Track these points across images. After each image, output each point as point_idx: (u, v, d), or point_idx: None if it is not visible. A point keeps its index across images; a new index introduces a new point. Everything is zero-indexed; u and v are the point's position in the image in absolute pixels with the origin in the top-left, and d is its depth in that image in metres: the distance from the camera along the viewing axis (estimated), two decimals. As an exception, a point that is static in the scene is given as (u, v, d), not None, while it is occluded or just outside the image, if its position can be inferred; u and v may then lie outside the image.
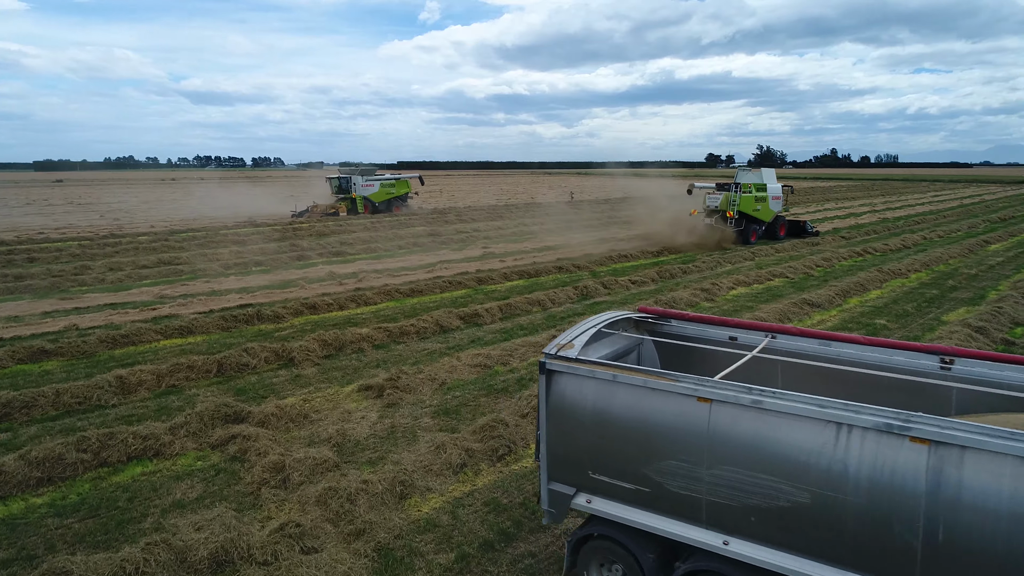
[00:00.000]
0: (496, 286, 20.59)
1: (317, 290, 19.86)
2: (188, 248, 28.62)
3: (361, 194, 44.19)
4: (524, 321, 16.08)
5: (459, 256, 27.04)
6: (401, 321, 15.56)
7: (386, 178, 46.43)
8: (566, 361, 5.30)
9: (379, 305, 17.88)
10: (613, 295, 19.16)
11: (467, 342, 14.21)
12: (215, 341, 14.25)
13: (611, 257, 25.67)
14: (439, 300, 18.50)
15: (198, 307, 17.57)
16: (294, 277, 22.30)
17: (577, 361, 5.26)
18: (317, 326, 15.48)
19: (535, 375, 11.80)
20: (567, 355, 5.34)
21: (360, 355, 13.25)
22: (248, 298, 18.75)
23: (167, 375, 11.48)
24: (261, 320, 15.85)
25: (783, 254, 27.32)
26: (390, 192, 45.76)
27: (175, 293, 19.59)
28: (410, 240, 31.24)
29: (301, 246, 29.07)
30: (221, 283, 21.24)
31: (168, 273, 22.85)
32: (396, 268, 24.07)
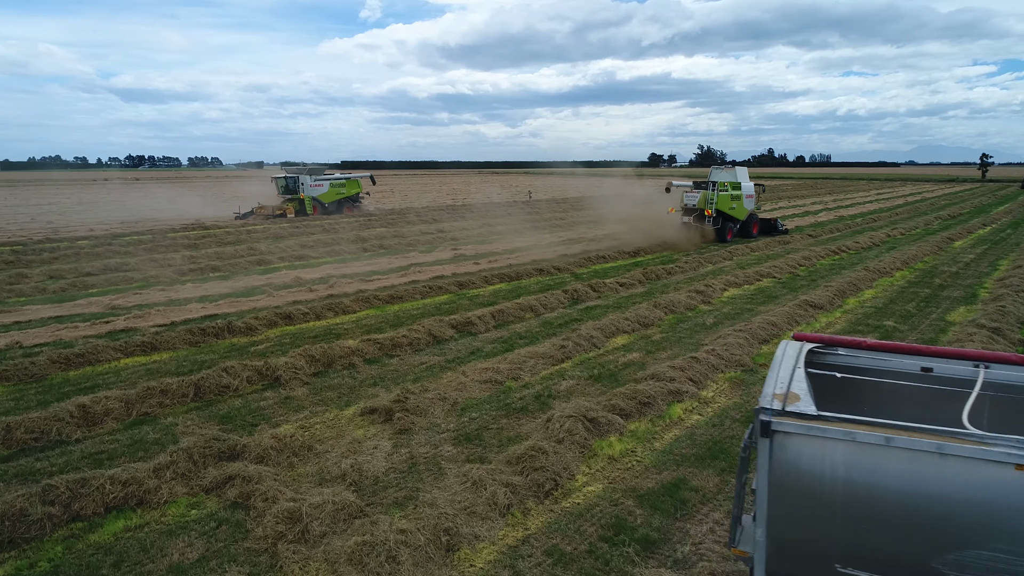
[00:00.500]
0: (479, 291, 19.48)
1: (286, 297, 18.39)
2: (135, 253, 26.53)
3: (310, 195, 42.06)
4: (520, 329, 15.02)
5: (430, 259, 25.79)
6: (388, 332, 14.34)
7: (336, 178, 44.32)
8: (803, 419, 3.99)
9: (359, 314, 16.55)
10: (604, 298, 18.26)
11: (466, 354, 13.07)
12: (185, 359, 12.73)
13: (589, 258, 24.84)
14: (422, 307, 17.29)
15: (157, 319, 15.92)
16: (258, 283, 20.71)
17: (821, 419, 3.98)
18: (296, 339, 14.12)
19: (553, 390, 10.80)
20: (802, 411, 4.05)
21: (353, 372, 11.97)
22: (212, 308, 17.17)
23: (137, 401, 10.00)
24: (233, 333, 14.36)
25: (759, 253, 26.97)
26: (340, 192, 43.87)
27: (128, 303, 17.81)
28: (375, 242, 29.78)
29: (259, 249, 27.33)
30: (178, 291, 19.50)
31: (117, 281, 20.94)
32: (366, 272, 22.69)
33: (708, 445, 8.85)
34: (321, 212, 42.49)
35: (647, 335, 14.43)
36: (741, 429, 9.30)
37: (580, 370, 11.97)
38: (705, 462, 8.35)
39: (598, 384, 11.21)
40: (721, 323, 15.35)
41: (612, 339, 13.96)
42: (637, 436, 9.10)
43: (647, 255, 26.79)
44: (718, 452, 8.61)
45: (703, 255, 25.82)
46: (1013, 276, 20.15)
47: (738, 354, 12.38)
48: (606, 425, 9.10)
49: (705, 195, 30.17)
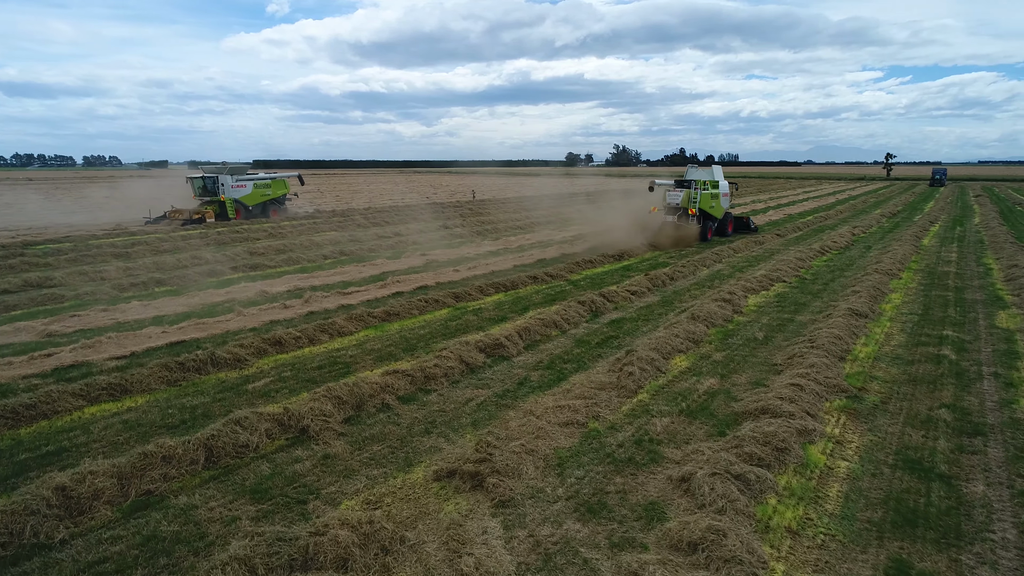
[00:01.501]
0: (478, 303, 17.42)
1: (260, 316, 15.80)
2: (58, 265, 22.98)
3: (231, 196, 38.17)
4: (555, 349, 13.12)
5: (401, 266, 23.46)
6: (407, 359, 12.22)
7: (260, 178, 40.30)
8: None
9: (358, 335, 14.23)
10: (621, 309, 16.57)
11: (513, 385, 11.06)
12: (169, 404, 10.16)
13: (577, 263, 23.13)
14: (426, 324, 15.11)
15: (111, 349, 13.10)
16: (218, 299, 17.92)
17: None
18: (297, 370, 11.74)
19: (651, 433, 8.97)
20: None
21: (392, 415, 9.76)
22: (175, 332, 14.44)
23: (133, 475, 7.52)
24: (218, 366, 11.81)
25: (744, 254, 26.00)
26: (265, 194, 40.03)
27: (67, 328, 14.80)
28: (333, 248, 27.10)
29: (204, 258, 24.24)
30: (124, 311, 16.53)
31: (43, 300, 17.67)
32: (337, 283, 20.20)
33: (891, 506, 7.21)
34: (244, 216, 38.70)
35: (704, 353, 12.80)
36: (914, 481, 7.72)
37: (663, 403, 10.17)
38: (907, 531, 6.70)
39: (697, 422, 9.44)
40: (772, 336, 13.93)
41: (671, 360, 12.23)
42: (798, 496, 7.38)
43: (631, 258, 25.35)
44: (913, 516, 6.98)
45: (691, 256, 24.54)
46: (1021, 278, 19.73)
47: (829, 376, 10.88)
48: (755, 483, 7.34)
49: (688, 194, 29.40)
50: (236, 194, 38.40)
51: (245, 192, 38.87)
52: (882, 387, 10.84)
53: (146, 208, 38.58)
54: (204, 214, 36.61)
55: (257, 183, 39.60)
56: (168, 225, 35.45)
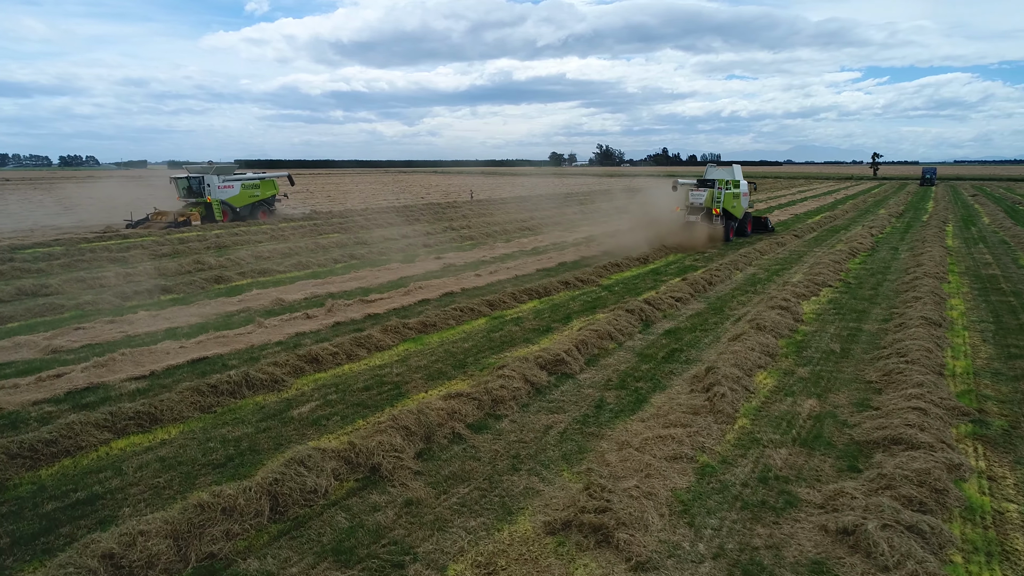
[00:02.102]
0: (515, 311, 16.26)
1: (284, 328, 14.53)
2: (52, 271, 21.48)
3: (218, 197, 36.21)
4: (619, 365, 12.00)
5: (418, 270, 22.21)
6: (463, 378, 11.09)
7: (248, 178, 38.34)
8: None
9: (396, 349, 13.01)
10: (672, 318, 15.49)
11: (590, 408, 9.90)
12: (208, 436, 8.89)
13: (604, 267, 21.99)
14: (467, 336, 13.93)
15: (128, 368, 11.77)
16: (232, 308, 16.60)
17: None
18: (344, 392, 10.52)
19: (774, 469, 7.87)
20: None
21: (467, 447, 8.57)
22: (194, 347, 13.12)
23: (191, 533, 6.27)
24: (253, 388, 10.53)
25: (771, 256, 25.03)
26: (254, 195, 38.11)
27: (73, 343, 13.42)
28: (342, 252, 25.76)
29: (209, 263, 22.84)
30: (132, 323, 15.16)
31: (41, 310, 16.22)
32: (355, 289, 18.93)
33: (1096, 561, 6.15)
34: (232, 218, 36.73)
35: (785, 369, 11.73)
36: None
37: (769, 430, 9.07)
38: None
39: (818, 454, 8.34)
40: (849, 349, 12.92)
41: (754, 377, 11.14)
42: (983, 550, 6.30)
43: (656, 261, 24.29)
44: None
45: (720, 259, 23.51)
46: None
47: (942, 396, 9.83)
48: (931, 535, 6.24)
49: (712, 193, 28.84)
50: (223, 195, 36.46)
51: (232, 193, 36.91)
52: (1001, 408, 9.82)
53: (127, 210, 36.53)
54: (189, 216, 34.62)
55: (245, 184, 37.66)
56: (150, 229, 33.34)
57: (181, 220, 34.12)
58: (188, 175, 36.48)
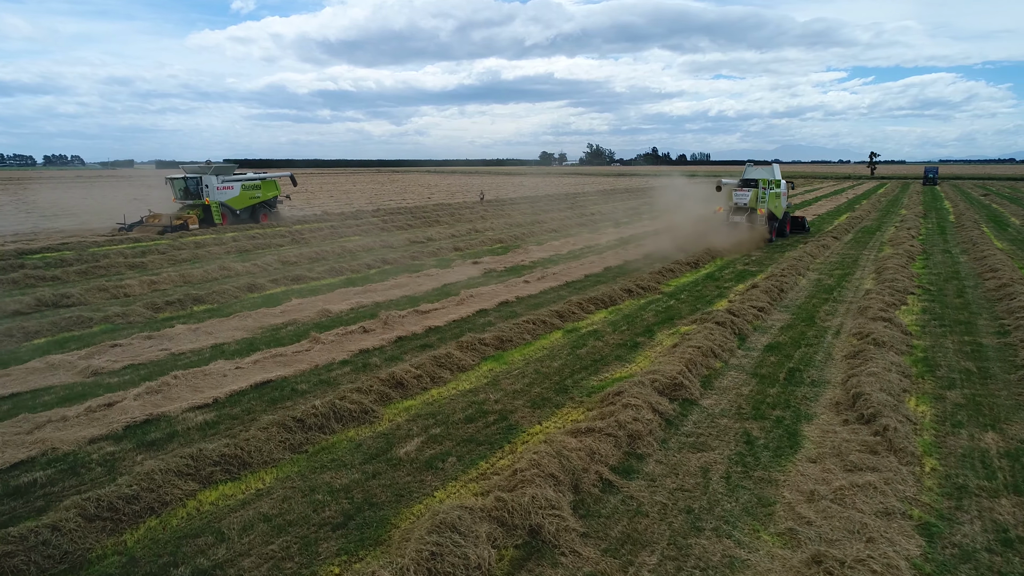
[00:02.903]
0: (587, 323, 14.99)
1: (344, 344, 13.15)
2: (67, 279, 19.94)
3: (217, 199, 33.96)
4: (740, 389, 10.74)
5: (459, 276, 20.86)
6: (576, 405, 9.85)
7: (249, 178, 36.08)
8: None
9: (481, 369, 11.68)
10: (763, 331, 14.24)
11: (742, 446, 8.61)
12: (310, 485, 7.51)
13: (659, 272, 20.70)
14: (551, 352, 12.61)
15: (186, 394, 10.36)
16: (276, 320, 15.18)
17: None
18: (447, 426, 9.19)
19: (1012, 530, 6.55)
20: None
21: (624, 498, 7.25)
22: (251, 368, 11.73)
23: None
24: (341, 420, 9.14)
25: (822, 259, 23.84)
26: (255, 196, 35.92)
27: (113, 364, 11.97)
28: (373, 256, 24.35)
29: (234, 269, 21.37)
30: (172, 338, 13.70)
31: (67, 324, 14.73)
32: (401, 299, 17.56)
33: None
34: (231, 221, 34.58)
35: (932, 392, 10.49)
36: None
37: (969, 474, 7.80)
38: None
39: (1045, 503, 7.05)
40: (987, 367, 11.70)
41: (906, 404, 9.86)
42: None
43: (708, 264, 23.05)
44: None
45: (774, 263, 22.29)
46: None
47: None
48: None
49: (756, 193, 28.06)
50: (222, 197, 34.23)
51: (232, 194, 34.68)
52: None
53: (120, 212, 34.52)
54: (187, 220, 32.33)
55: (245, 184, 35.42)
56: (145, 232, 31.18)
57: (178, 223, 31.92)
58: (185, 175, 34.11)
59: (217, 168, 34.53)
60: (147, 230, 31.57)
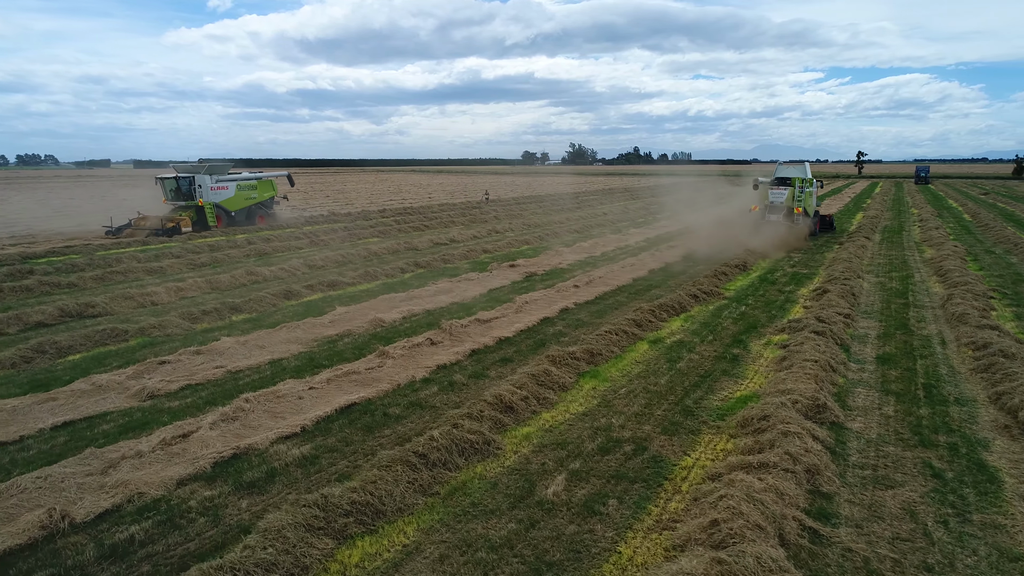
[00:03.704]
0: (665, 332, 14.00)
1: (417, 359, 12.02)
2: (84, 285, 18.52)
3: (211, 200, 31.67)
4: (881, 408, 9.73)
5: (502, 281, 19.76)
6: (716, 432, 8.88)
7: (244, 178, 34.02)
8: None
9: (582, 388, 10.61)
10: (861, 341, 13.27)
11: (934, 481, 7.55)
12: (462, 539, 6.37)
13: (712, 276, 19.67)
14: (648, 366, 11.57)
15: (266, 421, 9.15)
16: (330, 331, 13.97)
17: None
18: (585, 459, 8.13)
19: None
20: None
21: (842, 551, 6.17)
22: (326, 388, 10.53)
23: None
24: (465, 453, 7.98)
25: (868, 261, 22.99)
26: (251, 197, 33.96)
27: (168, 385, 10.68)
28: (401, 260, 23.14)
29: (261, 274, 20.06)
30: (223, 354, 12.41)
31: (101, 338, 13.38)
32: (451, 306, 16.45)
33: None
34: (226, 223, 32.54)
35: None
36: None
37: None
38: None
39: None
40: None
41: (1081, 427, 8.89)
42: None
43: (756, 267, 22.13)
44: None
45: (819, 264, 21.40)
46: None
47: None
48: None
49: (792, 192, 27.77)
50: (216, 197, 32.04)
51: (227, 195, 32.56)
52: None
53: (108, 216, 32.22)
54: (179, 222, 30.26)
55: (241, 184, 33.34)
56: (134, 235, 29.28)
57: (170, 226, 29.83)
58: (177, 175, 31.82)
59: (211, 167, 32.17)
60: (137, 233, 29.60)
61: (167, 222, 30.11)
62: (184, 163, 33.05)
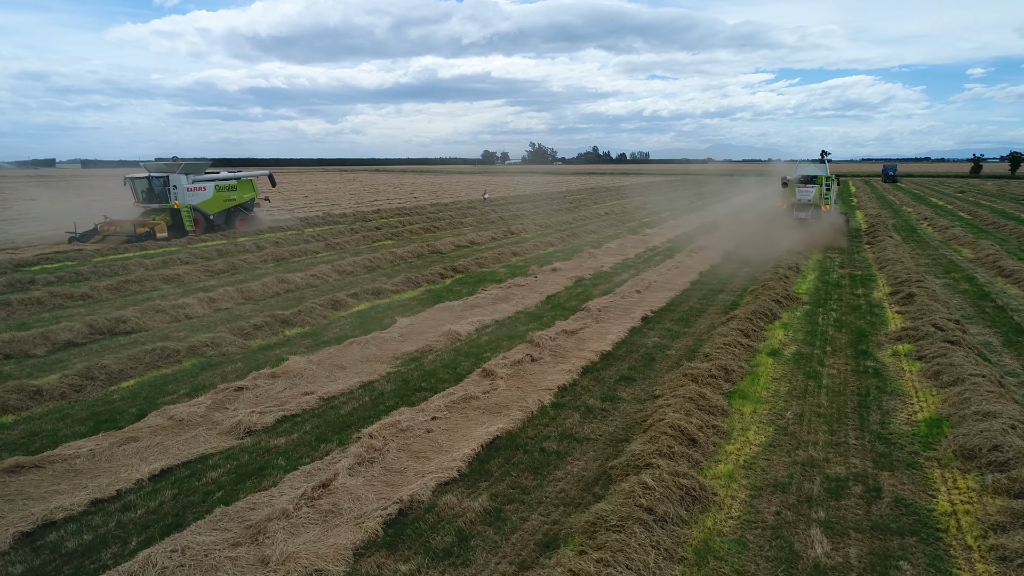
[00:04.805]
0: (775, 342, 12.93)
1: (534, 379, 10.71)
2: (102, 297, 16.60)
3: (187, 202, 28.58)
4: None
5: (555, 287, 18.49)
6: (931, 464, 7.53)
7: (223, 178, 31.09)
8: None
9: (741, 412, 9.37)
10: (993, 351, 12.31)
11: None
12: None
13: (777, 278, 18.68)
14: (790, 385, 10.45)
15: (410, 464, 7.76)
16: (409, 349, 12.52)
17: None
18: (808, 500, 6.84)
19: None
20: None
21: None
22: (456, 419, 9.13)
23: None
24: (685, 502, 6.66)
25: (915, 261, 22.33)
26: (230, 198, 30.95)
27: (264, 419, 9.12)
28: (438, 264, 21.69)
29: (295, 282, 18.37)
30: (304, 377, 10.86)
31: (150, 359, 11.62)
32: (519, 315, 15.30)
33: None
34: (204, 228, 29.44)
35: None
36: None
37: None
38: None
39: None
40: None
41: None
42: None
43: (808, 268, 21.24)
44: None
45: (865, 263, 20.63)
46: None
47: None
48: None
49: (820, 190, 28.00)
50: (193, 199, 28.96)
51: (205, 196, 29.53)
52: None
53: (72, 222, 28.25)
54: (154, 227, 27.19)
55: (219, 185, 30.34)
56: (104, 242, 26.24)
57: (143, 231, 26.85)
58: (150, 175, 28.70)
59: (187, 166, 29.10)
60: (107, 240, 26.49)
61: (140, 227, 27.08)
62: (156, 161, 29.84)
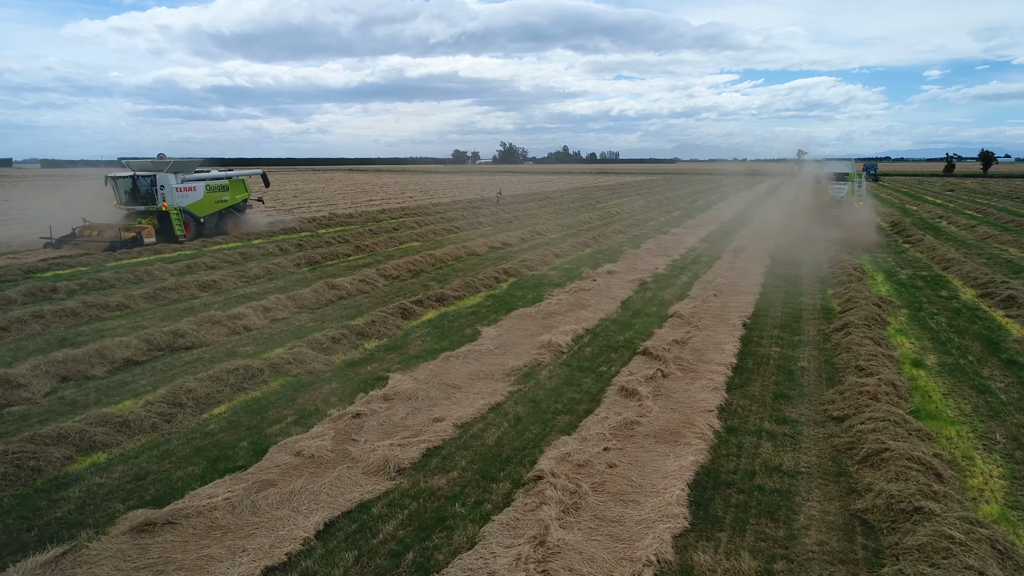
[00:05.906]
0: (907, 350, 11.89)
1: (683, 408, 9.52)
2: (139, 308, 15.07)
3: (177, 204, 25.99)
4: None
5: (624, 292, 17.48)
6: None
7: (214, 177, 28.61)
8: None
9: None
10: None
11: None
12: None
13: (849, 281, 17.90)
14: (932, 409, 9.42)
15: (612, 508, 6.62)
16: (516, 364, 11.36)
17: None
18: None
19: None
20: None
21: None
22: (633, 449, 7.95)
23: None
24: (916, 556, 5.59)
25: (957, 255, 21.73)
26: (222, 200, 28.52)
27: (410, 454, 7.92)
28: (493, 268, 20.50)
29: (346, 288, 17.02)
30: (418, 399, 9.64)
31: (237, 381, 10.25)
32: (596, 327, 14.13)
33: None
34: (195, 231, 26.93)
35: None
36: None
37: None
38: None
39: None
40: None
41: None
42: None
43: (868, 268, 20.49)
44: None
45: (920, 265, 19.96)
46: None
47: None
48: None
49: (851, 187, 29.01)
50: (183, 201, 26.36)
51: (195, 197, 27.01)
52: None
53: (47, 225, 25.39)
54: (140, 231, 24.62)
55: (210, 185, 27.92)
56: (86, 248, 23.88)
57: (128, 236, 24.26)
58: (135, 174, 25.92)
59: (175, 165, 26.51)
60: (88, 246, 24.12)
61: (126, 231, 24.57)
62: (140, 160, 27.55)
